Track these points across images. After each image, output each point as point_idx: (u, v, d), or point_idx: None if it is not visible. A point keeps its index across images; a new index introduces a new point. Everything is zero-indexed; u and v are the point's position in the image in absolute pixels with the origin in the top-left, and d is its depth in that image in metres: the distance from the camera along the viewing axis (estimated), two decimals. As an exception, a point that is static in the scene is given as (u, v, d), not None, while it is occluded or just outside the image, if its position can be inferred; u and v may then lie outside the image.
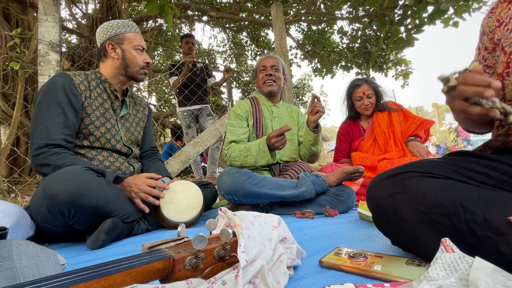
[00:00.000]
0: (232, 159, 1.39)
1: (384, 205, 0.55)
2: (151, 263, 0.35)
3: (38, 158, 0.94)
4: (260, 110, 1.55)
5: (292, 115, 1.65)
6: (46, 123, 0.97)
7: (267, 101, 1.59)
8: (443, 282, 0.33)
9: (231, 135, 1.46)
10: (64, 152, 0.97)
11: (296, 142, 1.59)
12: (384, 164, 1.64)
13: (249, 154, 1.34)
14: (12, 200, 2.16)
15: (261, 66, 1.57)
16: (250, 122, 1.52)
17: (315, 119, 1.37)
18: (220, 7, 4.95)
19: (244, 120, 1.50)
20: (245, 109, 1.53)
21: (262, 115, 1.54)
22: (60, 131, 0.98)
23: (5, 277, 0.41)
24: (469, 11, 2.96)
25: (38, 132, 0.97)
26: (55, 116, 0.98)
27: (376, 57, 4.57)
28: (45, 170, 0.94)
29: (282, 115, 1.60)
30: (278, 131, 1.23)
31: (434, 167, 0.54)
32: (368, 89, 1.84)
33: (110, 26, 1.16)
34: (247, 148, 1.35)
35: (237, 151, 1.38)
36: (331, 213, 1.19)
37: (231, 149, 1.41)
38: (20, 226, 0.82)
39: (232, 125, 1.49)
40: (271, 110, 1.58)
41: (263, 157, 1.32)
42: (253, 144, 1.35)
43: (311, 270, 0.54)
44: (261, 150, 1.31)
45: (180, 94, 2.86)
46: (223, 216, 0.52)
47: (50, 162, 0.93)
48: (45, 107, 0.99)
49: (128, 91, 1.26)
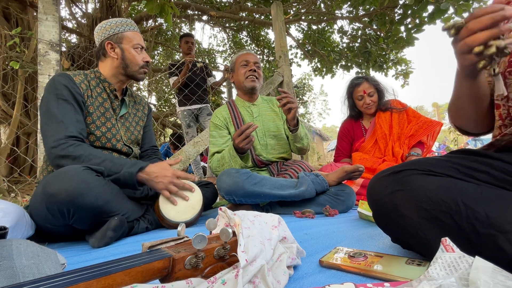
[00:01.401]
0: (214, 170, 1.39)
1: (385, 202, 0.55)
2: (151, 263, 0.35)
3: (57, 149, 0.93)
4: (238, 114, 1.49)
5: (273, 109, 1.58)
6: (60, 118, 0.97)
7: (244, 102, 1.54)
8: (443, 282, 0.33)
9: (213, 146, 1.44)
10: (82, 143, 0.98)
11: (284, 136, 1.53)
12: (384, 167, 1.62)
13: (224, 162, 1.33)
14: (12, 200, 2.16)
15: (243, 60, 1.49)
16: (231, 128, 1.47)
17: (291, 116, 1.32)
18: (220, 6, 4.95)
19: (223, 129, 1.46)
20: (222, 116, 1.49)
21: (242, 119, 1.49)
22: (75, 125, 0.98)
23: (5, 276, 0.41)
24: (469, 10, 2.96)
25: (53, 126, 0.96)
26: (67, 111, 0.99)
27: (376, 56, 4.57)
28: (64, 162, 0.93)
29: (263, 113, 1.55)
30: (238, 131, 1.20)
31: (435, 165, 0.54)
32: (369, 87, 1.80)
33: (109, 25, 1.15)
34: (222, 156, 1.35)
35: (216, 162, 1.38)
36: (331, 212, 1.19)
37: (212, 161, 1.41)
38: (20, 226, 0.82)
39: (213, 136, 1.46)
40: (250, 110, 1.53)
41: (236, 162, 1.29)
42: (225, 151, 1.34)
43: (311, 270, 0.54)
44: (232, 155, 1.29)
45: (180, 93, 2.86)
46: (223, 215, 0.52)
47: (69, 153, 0.93)
48: (53, 105, 0.99)
49: (127, 90, 1.26)
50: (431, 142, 1.77)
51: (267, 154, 1.47)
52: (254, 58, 1.51)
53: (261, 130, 1.50)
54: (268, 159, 1.48)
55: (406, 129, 1.76)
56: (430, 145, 1.78)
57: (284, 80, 2.75)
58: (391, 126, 1.78)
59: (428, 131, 1.71)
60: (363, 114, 1.93)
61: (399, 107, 1.81)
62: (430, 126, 1.71)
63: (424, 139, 1.74)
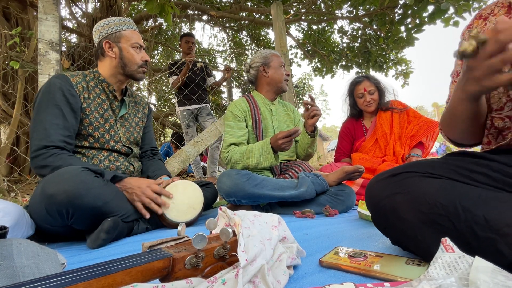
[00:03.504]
0: (233, 162, 1.35)
1: (384, 205, 0.54)
2: (151, 263, 0.35)
3: (36, 159, 0.94)
4: (258, 109, 1.49)
5: (288, 113, 1.61)
6: (45, 125, 0.96)
7: (264, 99, 1.54)
8: (443, 282, 0.33)
9: (230, 137, 1.40)
10: (63, 153, 0.97)
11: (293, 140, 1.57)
12: (384, 167, 1.62)
13: (251, 156, 1.30)
14: (12, 199, 2.16)
15: (281, 62, 1.54)
16: (249, 122, 1.46)
17: (312, 122, 1.35)
18: (220, 6, 4.94)
19: (242, 121, 1.44)
20: (242, 108, 1.46)
21: (261, 115, 1.49)
22: (59, 132, 0.97)
23: (5, 276, 0.41)
24: (469, 10, 2.96)
25: (36, 134, 0.96)
26: (54, 118, 0.98)
27: (376, 56, 4.57)
28: (43, 171, 0.93)
29: (279, 114, 1.57)
30: (286, 133, 1.22)
31: (434, 167, 0.54)
32: (369, 85, 1.81)
33: (107, 24, 1.14)
34: (249, 150, 1.32)
35: (238, 153, 1.33)
36: (331, 212, 1.19)
37: (231, 152, 1.36)
38: (20, 225, 0.82)
39: (230, 127, 1.42)
40: (269, 108, 1.54)
41: (266, 159, 1.29)
42: (256, 145, 1.32)
43: (311, 270, 0.54)
44: (265, 151, 1.28)
45: (180, 93, 2.85)
46: (223, 215, 0.52)
47: (48, 164, 0.93)
48: (43, 109, 0.99)
49: (127, 90, 1.25)
50: (431, 142, 1.78)
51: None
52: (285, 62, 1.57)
53: (277, 129, 1.51)
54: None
55: (407, 129, 1.76)
56: (430, 145, 1.78)
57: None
58: (392, 126, 1.78)
59: (429, 131, 1.72)
60: (363, 113, 1.94)
61: (399, 107, 1.82)
62: (431, 126, 1.71)
63: (423, 139, 1.74)
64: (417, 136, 1.73)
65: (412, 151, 1.74)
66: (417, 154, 1.71)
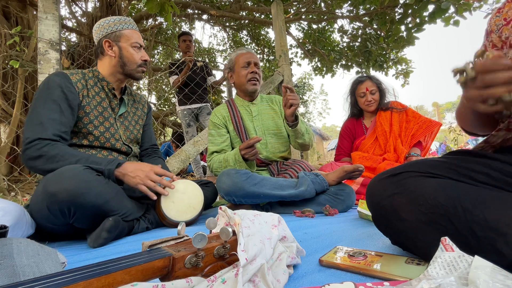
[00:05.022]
0: (215, 170, 1.40)
1: (384, 205, 0.55)
2: (151, 262, 0.35)
3: (29, 150, 0.91)
4: (238, 113, 1.49)
5: (273, 108, 1.57)
6: (41, 119, 0.95)
7: (243, 101, 1.53)
8: (442, 281, 0.33)
9: (212, 145, 1.46)
10: (57, 143, 0.95)
11: (285, 134, 1.53)
12: (384, 165, 1.63)
13: (228, 165, 1.34)
14: (12, 199, 2.16)
15: (245, 61, 1.46)
16: (230, 127, 1.48)
17: (290, 112, 1.32)
18: (220, 5, 4.93)
19: (222, 128, 1.47)
20: (221, 115, 1.49)
21: (241, 118, 1.49)
22: (55, 127, 0.96)
23: (6, 275, 0.41)
24: (470, 10, 2.96)
25: (31, 127, 0.95)
26: (51, 112, 0.97)
27: (376, 56, 4.56)
28: (37, 163, 0.91)
29: (262, 112, 1.54)
30: (245, 144, 1.24)
31: (434, 167, 0.54)
32: (371, 85, 1.84)
33: (107, 23, 1.14)
34: (225, 159, 1.36)
35: (217, 162, 1.39)
36: (331, 212, 1.19)
37: (212, 160, 1.42)
38: (20, 225, 0.82)
39: (212, 135, 1.48)
40: (249, 110, 1.52)
41: (240, 167, 1.31)
42: (230, 154, 1.35)
43: (310, 269, 0.54)
44: (237, 160, 1.31)
45: (180, 92, 2.85)
46: (223, 214, 0.52)
47: (42, 153, 0.91)
48: (40, 104, 0.98)
49: (126, 89, 1.25)
50: (429, 142, 1.80)
51: (267, 152, 1.47)
52: (254, 58, 1.50)
53: (260, 129, 1.50)
54: (268, 158, 1.48)
55: (407, 129, 1.79)
56: (428, 145, 1.81)
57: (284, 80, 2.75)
58: (391, 124, 1.82)
59: (427, 131, 1.74)
60: (364, 113, 1.96)
61: (399, 107, 1.85)
62: (429, 126, 1.73)
63: (422, 139, 1.77)
64: (416, 135, 1.76)
65: (411, 150, 1.75)
66: (417, 154, 1.72)
